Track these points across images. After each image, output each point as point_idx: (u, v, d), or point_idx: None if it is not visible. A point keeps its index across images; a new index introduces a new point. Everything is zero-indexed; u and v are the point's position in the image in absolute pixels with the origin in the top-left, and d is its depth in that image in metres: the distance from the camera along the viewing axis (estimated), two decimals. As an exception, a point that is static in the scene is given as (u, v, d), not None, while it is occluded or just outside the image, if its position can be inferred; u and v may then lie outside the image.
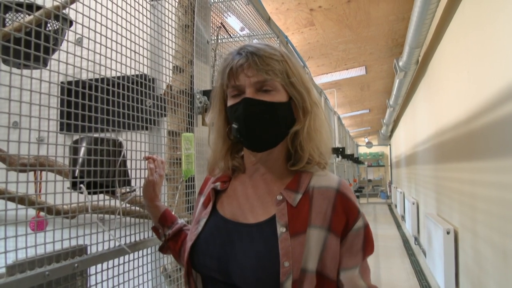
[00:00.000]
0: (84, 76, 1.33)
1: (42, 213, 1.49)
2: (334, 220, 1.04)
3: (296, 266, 0.98)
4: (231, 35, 2.90)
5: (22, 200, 1.19)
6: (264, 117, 1.06)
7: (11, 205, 1.12)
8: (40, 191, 1.50)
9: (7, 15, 1.61)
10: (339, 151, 7.32)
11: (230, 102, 1.11)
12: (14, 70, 1.09)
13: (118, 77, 1.50)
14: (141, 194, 1.48)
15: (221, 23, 2.56)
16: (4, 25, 1.51)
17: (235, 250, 1.04)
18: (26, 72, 1.11)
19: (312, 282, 0.99)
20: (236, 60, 1.07)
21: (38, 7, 1.33)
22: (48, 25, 1.68)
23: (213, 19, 2.42)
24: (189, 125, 1.98)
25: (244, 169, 1.20)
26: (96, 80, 1.39)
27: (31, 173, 1.48)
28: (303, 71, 1.15)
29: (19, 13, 1.57)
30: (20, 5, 1.23)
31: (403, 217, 10.64)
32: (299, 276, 0.97)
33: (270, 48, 1.10)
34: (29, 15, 1.28)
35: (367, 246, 1.08)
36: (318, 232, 1.02)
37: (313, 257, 1.00)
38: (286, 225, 1.02)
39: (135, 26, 1.60)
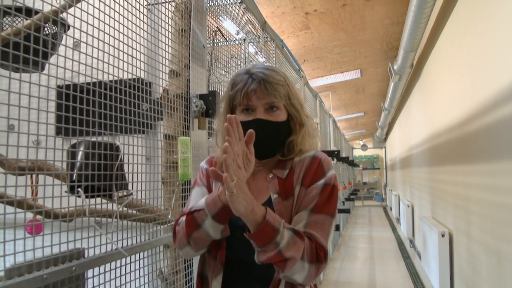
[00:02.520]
0: (80, 80, 1.34)
1: (39, 217, 1.50)
2: (306, 176, 1.28)
3: (289, 223, 1.21)
4: (227, 39, 2.91)
5: (20, 203, 1.20)
6: (270, 134, 1.29)
7: (8, 208, 1.12)
8: (37, 195, 1.51)
9: (5, 19, 1.62)
10: (334, 154, 7.33)
11: (241, 117, 1.29)
12: (12, 74, 1.10)
13: (115, 81, 1.50)
14: (139, 198, 1.48)
15: (217, 27, 2.57)
16: (1, 30, 1.52)
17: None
18: (23, 76, 1.12)
19: None
20: (249, 83, 1.27)
21: (35, 12, 1.34)
22: (45, 29, 1.69)
23: (209, 23, 2.43)
24: (185, 129, 1.99)
25: None
26: (93, 84, 1.40)
27: (29, 177, 1.48)
28: (297, 89, 1.39)
29: (16, 18, 1.58)
30: (18, 10, 1.24)
31: (398, 220, 10.65)
32: None
33: (276, 74, 1.32)
34: (26, 19, 1.29)
35: (323, 199, 1.23)
36: (298, 188, 1.27)
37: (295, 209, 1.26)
38: (278, 192, 1.28)
39: (131, 30, 1.61)
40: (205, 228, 1.18)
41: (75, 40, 1.38)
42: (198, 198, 1.29)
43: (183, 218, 1.25)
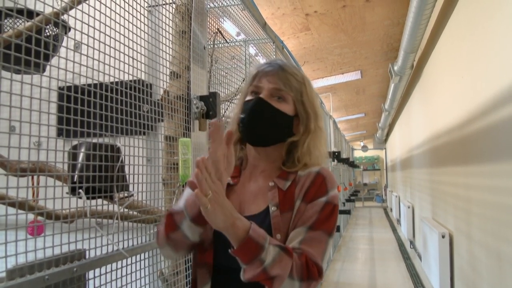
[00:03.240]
0: (81, 82, 1.34)
1: (40, 218, 1.50)
2: (308, 192, 1.22)
3: (286, 237, 1.17)
4: (228, 41, 2.92)
5: (21, 205, 1.20)
6: (265, 116, 1.24)
7: (10, 210, 1.13)
8: (37, 196, 1.51)
9: (6, 21, 1.62)
10: (334, 155, 7.35)
11: (247, 98, 1.29)
12: (13, 76, 1.10)
13: (116, 83, 1.51)
14: (140, 199, 1.49)
15: (218, 29, 2.58)
16: (1, 31, 1.52)
17: None
18: (24, 78, 1.12)
19: None
20: (265, 67, 1.28)
21: (36, 14, 1.34)
22: (46, 31, 1.70)
23: (210, 25, 2.43)
24: (186, 130, 1.99)
25: (246, 164, 1.35)
26: (94, 85, 1.40)
27: (30, 178, 1.49)
28: (318, 99, 1.37)
29: (17, 20, 1.59)
30: (20, 12, 1.25)
31: (398, 221, 10.65)
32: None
33: (296, 69, 1.30)
34: (27, 21, 1.30)
35: (322, 217, 1.18)
36: (298, 203, 1.21)
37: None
38: (277, 204, 1.21)
39: (132, 32, 1.62)
40: (183, 230, 1.14)
41: (75, 41, 1.39)
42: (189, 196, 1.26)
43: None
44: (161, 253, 1.26)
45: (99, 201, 1.47)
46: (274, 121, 1.25)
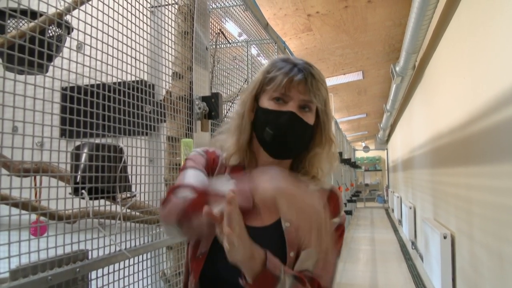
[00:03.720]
0: (84, 82, 1.35)
1: (43, 218, 1.50)
2: None
3: (298, 254, 1.12)
4: (230, 41, 2.92)
5: (25, 205, 1.20)
6: (298, 133, 1.16)
7: (13, 210, 1.13)
8: (40, 197, 1.51)
9: (9, 22, 1.63)
10: (336, 156, 7.31)
11: (268, 104, 1.17)
12: (17, 77, 1.10)
13: (118, 83, 1.51)
14: (142, 199, 1.48)
15: (220, 29, 2.58)
16: (4, 32, 1.53)
17: None
18: (26, 79, 1.13)
19: None
20: (295, 73, 1.14)
21: (39, 14, 1.35)
22: (49, 31, 1.70)
23: (212, 25, 2.44)
24: (188, 130, 1.99)
25: (256, 165, 1.25)
26: (96, 86, 1.40)
27: (33, 179, 1.49)
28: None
29: (21, 20, 1.59)
30: (23, 12, 1.25)
31: (400, 222, 10.64)
32: None
33: (321, 73, 1.20)
34: (30, 22, 1.30)
35: (334, 239, 1.16)
36: None
37: None
38: (291, 220, 1.14)
39: (134, 33, 1.62)
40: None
41: (78, 42, 1.39)
42: (200, 182, 1.14)
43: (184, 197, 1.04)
44: (163, 227, 1.17)
45: (102, 201, 1.47)
46: (303, 136, 1.18)
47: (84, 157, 1.46)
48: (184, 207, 1.01)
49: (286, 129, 1.14)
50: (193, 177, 1.17)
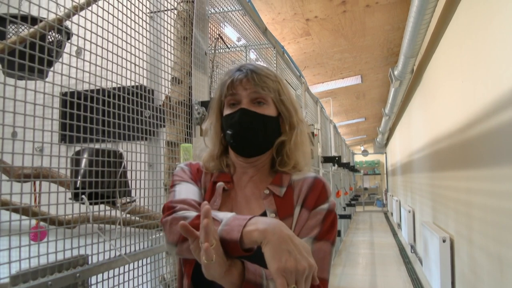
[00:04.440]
0: (82, 88, 1.35)
1: (43, 223, 1.50)
2: (308, 197, 1.20)
3: None
4: (228, 46, 2.93)
5: (25, 210, 1.21)
6: (255, 126, 1.20)
7: (9, 215, 1.13)
8: (39, 202, 1.52)
9: (9, 28, 1.63)
10: (335, 160, 7.34)
11: (226, 111, 1.24)
12: (17, 83, 1.11)
13: (117, 88, 1.52)
14: (143, 205, 1.49)
15: (219, 34, 2.59)
16: (5, 38, 1.53)
17: None
18: (26, 84, 1.13)
19: None
20: (237, 75, 1.21)
21: (39, 20, 1.35)
22: (48, 37, 1.71)
23: (211, 30, 2.44)
24: (187, 135, 2.00)
25: (234, 170, 1.30)
26: (96, 91, 1.41)
27: (32, 184, 1.49)
28: (292, 93, 1.33)
29: (20, 26, 1.59)
30: (23, 18, 1.26)
31: (399, 225, 10.64)
32: None
33: (267, 69, 1.26)
34: (30, 28, 1.31)
35: (326, 226, 1.16)
36: (297, 210, 1.19)
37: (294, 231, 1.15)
38: (275, 211, 1.18)
39: (134, 38, 1.63)
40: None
41: (77, 47, 1.40)
42: (190, 193, 1.19)
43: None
44: (167, 246, 1.15)
45: (102, 206, 1.48)
46: (264, 128, 1.22)
47: (84, 162, 1.46)
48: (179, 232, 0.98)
49: (241, 125, 1.19)
50: (184, 191, 1.20)
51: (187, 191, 1.20)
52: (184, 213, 1.08)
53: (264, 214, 1.18)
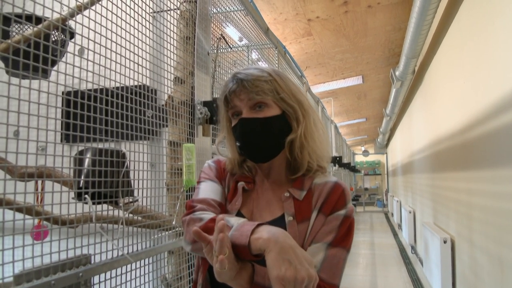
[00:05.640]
0: (85, 87, 1.35)
1: (45, 223, 1.51)
2: (326, 203, 1.19)
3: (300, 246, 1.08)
4: (231, 46, 2.93)
5: (28, 210, 1.21)
6: (259, 131, 1.20)
7: (13, 215, 1.13)
8: (42, 201, 1.52)
9: (13, 27, 1.64)
10: (336, 160, 7.35)
11: (233, 123, 1.25)
12: (16, 81, 1.11)
13: (120, 88, 1.52)
14: (145, 205, 1.49)
15: (221, 34, 2.59)
16: (8, 37, 1.53)
17: None
18: (27, 83, 1.13)
19: None
20: (229, 87, 1.22)
21: (42, 19, 1.36)
22: (51, 36, 1.71)
23: (213, 30, 2.44)
24: (189, 135, 2.00)
25: (256, 172, 1.33)
26: (99, 91, 1.41)
27: (34, 183, 1.50)
28: (294, 85, 1.29)
29: (24, 25, 1.60)
30: (27, 18, 1.26)
31: (399, 226, 10.64)
32: None
33: (259, 70, 1.23)
34: (33, 27, 1.31)
35: (342, 233, 1.16)
36: (315, 214, 1.19)
37: (310, 235, 1.16)
38: (293, 214, 1.18)
39: (136, 37, 1.63)
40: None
41: (80, 47, 1.40)
42: (213, 192, 1.25)
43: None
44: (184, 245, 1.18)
45: (105, 206, 1.48)
46: (269, 130, 1.21)
47: (87, 162, 1.46)
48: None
49: (244, 134, 1.20)
50: (207, 190, 1.25)
51: (210, 190, 1.25)
52: (202, 213, 1.13)
53: (282, 216, 1.19)
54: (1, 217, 1.06)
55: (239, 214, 1.22)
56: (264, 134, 1.20)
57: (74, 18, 1.40)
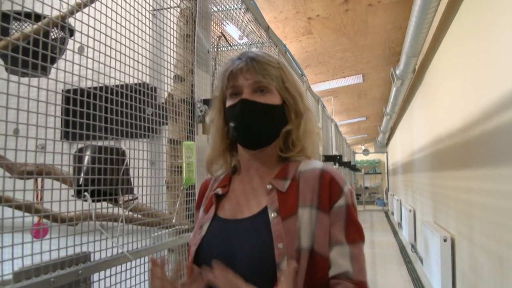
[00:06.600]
0: (85, 85, 1.35)
1: (45, 220, 1.51)
2: (321, 197, 1.11)
3: (290, 246, 1.04)
4: (231, 44, 2.92)
5: (27, 207, 1.21)
6: (259, 116, 1.15)
7: (12, 212, 1.13)
8: (41, 199, 1.52)
9: (13, 25, 1.63)
10: (336, 159, 7.34)
11: (228, 103, 1.19)
12: (16, 78, 1.11)
13: (120, 86, 1.52)
14: (145, 203, 1.49)
15: (221, 32, 2.58)
16: (8, 34, 1.53)
17: (234, 246, 1.10)
18: (27, 81, 1.13)
19: (307, 260, 1.05)
20: (236, 64, 1.17)
21: (41, 17, 1.35)
22: (51, 34, 1.70)
23: (213, 28, 2.44)
24: (189, 133, 2.00)
25: (239, 167, 1.27)
26: (99, 88, 1.41)
27: (34, 181, 1.49)
28: (296, 78, 1.27)
29: (23, 23, 1.59)
30: (28, 15, 1.26)
31: (400, 225, 10.64)
32: (295, 255, 1.03)
33: (268, 55, 1.21)
34: (32, 25, 1.31)
35: (350, 226, 1.10)
36: (308, 211, 1.09)
37: (306, 235, 1.07)
38: (277, 210, 1.10)
39: (136, 35, 1.63)
40: None
41: (80, 44, 1.39)
42: (197, 220, 1.27)
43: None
44: None
45: (104, 204, 1.48)
46: (268, 118, 1.16)
47: (86, 159, 1.46)
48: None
49: (243, 116, 1.15)
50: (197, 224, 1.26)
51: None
52: None
53: (265, 210, 1.12)
54: (1, 214, 1.06)
55: (216, 218, 1.19)
56: (263, 121, 1.16)
57: (73, 16, 1.40)
